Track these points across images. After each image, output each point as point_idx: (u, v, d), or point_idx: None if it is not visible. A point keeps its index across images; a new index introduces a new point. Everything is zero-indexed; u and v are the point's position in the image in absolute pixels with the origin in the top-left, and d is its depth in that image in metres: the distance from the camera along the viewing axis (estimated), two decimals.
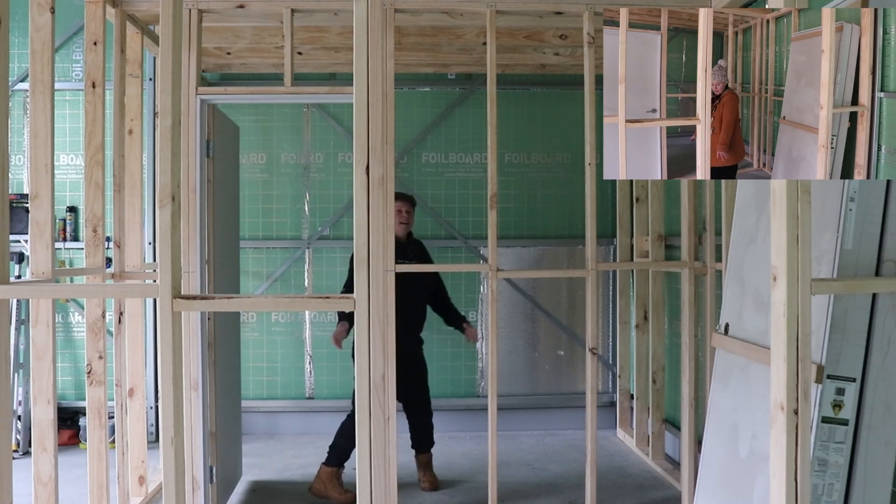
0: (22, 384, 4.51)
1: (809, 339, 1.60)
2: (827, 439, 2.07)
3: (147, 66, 4.59)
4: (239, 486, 3.92)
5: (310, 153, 5.13)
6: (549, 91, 5.20)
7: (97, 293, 2.38)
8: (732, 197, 3.16)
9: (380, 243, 3.07)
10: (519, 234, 5.15)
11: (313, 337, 5.07)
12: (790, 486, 1.59)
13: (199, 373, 3.22)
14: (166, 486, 1.70)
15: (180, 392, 1.71)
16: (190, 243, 3.19)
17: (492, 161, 3.22)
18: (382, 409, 3.08)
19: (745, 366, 2.54)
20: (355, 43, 1.73)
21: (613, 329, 5.15)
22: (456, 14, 3.45)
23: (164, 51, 1.70)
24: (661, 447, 4.29)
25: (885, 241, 2.09)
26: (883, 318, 2.08)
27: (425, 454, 4.00)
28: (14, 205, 4.59)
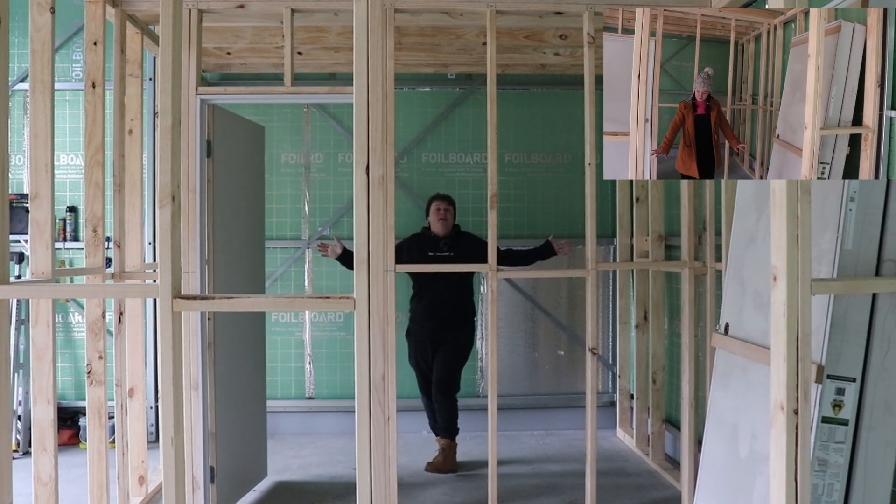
0: (22, 384, 4.50)
1: (809, 339, 1.60)
2: (827, 439, 2.07)
3: (147, 66, 4.58)
4: (262, 485, 3.89)
5: (310, 153, 5.13)
6: (549, 91, 5.19)
7: (97, 293, 2.38)
8: (732, 197, 3.16)
9: (380, 243, 3.07)
10: (519, 234, 5.15)
11: (313, 337, 5.07)
12: (790, 486, 1.59)
13: (199, 373, 3.22)
14: (166, 486, 1.70)
15: (180, 392, 1.71)
16: (190, 243, 3.19)
17: (492, 161, 3.22)
18: (382, 409, 3.08)
19: (745, 366, 2.54)
20: (355, 43, 1.73)
21: (613, 329, 5.15)
22: (456, 14, 3.45)
23: (164, 51, 1.70)
24: (661, 447, 4.29)
25: (885, 241, 2.09)
26: (883, 318, 2.08)
27: (444, 438, 4.22)
28: (14, 205, 4.59)
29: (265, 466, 4.00)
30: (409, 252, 4.18)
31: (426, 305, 4.21)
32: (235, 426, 3.58)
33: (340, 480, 4.04)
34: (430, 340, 4.20)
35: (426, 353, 4.24)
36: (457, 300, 4.25)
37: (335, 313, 5.09)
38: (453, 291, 4.21)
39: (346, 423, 4.87)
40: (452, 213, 4.31)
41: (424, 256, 4.18)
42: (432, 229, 4.28)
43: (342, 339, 5.08)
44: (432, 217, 4.28)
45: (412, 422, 4.71)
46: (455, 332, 4.24)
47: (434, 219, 4.24)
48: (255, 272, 3.91)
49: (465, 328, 4.30)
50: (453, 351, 4.23)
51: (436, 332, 4.20)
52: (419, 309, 4.25)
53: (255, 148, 3.96)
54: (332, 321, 5.10)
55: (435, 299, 4.18)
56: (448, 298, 4.19)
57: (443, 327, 4.19)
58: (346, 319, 5.07)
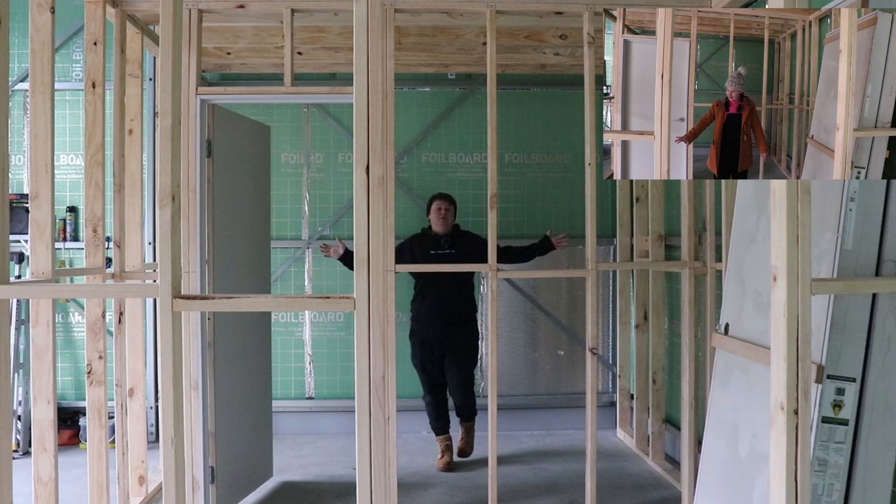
0: (22, 384, 4.51)
1: (809, 339, 1.60)
2: (827, 439, 2.07)
3: (147, 66, 4.59)
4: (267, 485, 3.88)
5: (310, 153, 5.13)
6: (549, 91, 5.19)
7: (97, 293, 2.38)
8: (732, 197, 3.16)
9: (380, 243, 3.07)
10: (519, 234, 5.15)
11: (313, 337, 5.07)
12: (790, 486, 1.59)
13: (199, 373, 3.22)
14: (166, 486, 1.70)
15: (180, 392, 1.71)
16: (190, 243, 3.19)
17: (492, 161, 3.22)
18: (382, 409, 3.08)
19: (745, 366, 2.54)
20: (355, 43, 1.73)
21: (613, 329, 5.15)
22: (456, 14, 3.45)
23: (164, 51, 1.70)
24: (661, 447, 4.29)
25: (885, 241, 2.08)
26: (883, 318, 2.08)
27: (466, 422, 4.39)
28: (14, 205, 4.59)
29: (270, 467, 3.99)
30: (410, 251, 4.25)
31: (430, 304, 4.25)
32: (237, 426, 3.58)
33: (340, 480, 4.05)
34: (437, 341, 4.24)
35: (434, 353, 4.26)
36: (460, 297, 4.31)
37: (335, 313, 5.09)
38: (456, 288, 4.28)
39: (346, 423, 4.87)
40: (453, 212, 4.36)
41: (426, 255, 4.23)
42: (433, 228, 4.33)
43: (342, 339, 5.08)
44: (433, 216, 4.31)
45: (412, 422, 4.70)
46: (461, 330, 4.31)
47: (435, 218, 4.30)
48: (260, 272, 3.91)
49: (470, 326, 4.37)
50: (465, 353, 4.30)
51: (443, 331, 4.24)
52: (423, 309, 4.28)
53: (260, 148, 3.96)
54: (332, 321, 5.10)
55: (439, 297, 4.24)
56: (451, 296, 4.26)
57: (449, 326, 4.25)
58: (346, 319, 5.07)
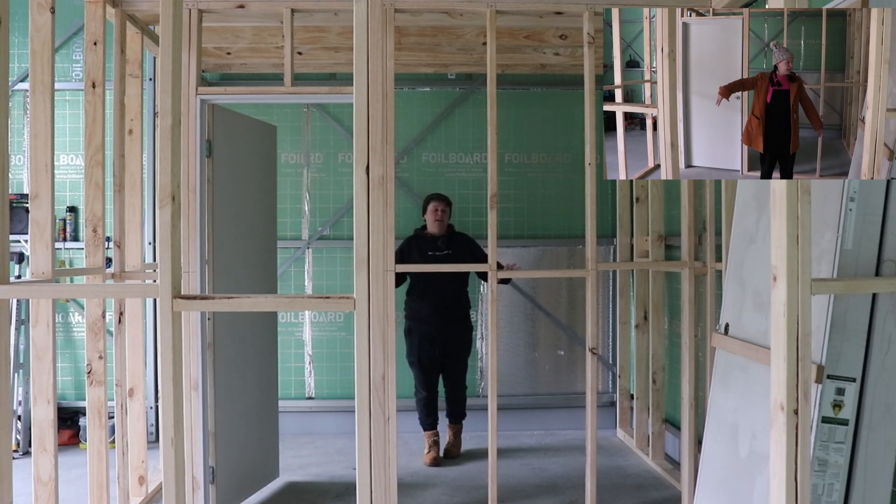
0: (22, 384, 4.50)
1: (809, 339, 1.60)
2: (827, 439, 2.07)
3: (147, 66, 4.59)
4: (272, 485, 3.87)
5: (310, 153, 5.12)
6: (549, 91, 5.19)
7: (97, 293, 2.38)
8: (732, 197, 3.16)
9: (380, 243, 3.07)
10: (519, 234, 5.15)
11: (313, 337, 5.07)
12: (790, 486, 1.59)
13: (199, 373, 3.22)
14: (166, 486, 1.70)
15: (180, 392, 1.71)
16: (190, 243, 3.19)
17: (492, 161, 3.22)
18: (382, 409, 3.08)
19: (745, 366, 2.54)
20: (355, 43, 1.73)
21: (613, 329, 5.14)
22: (456, 14, 3.45)
23: (164, 51, 1.70)
24: (661, 447, 4.29)
25: (885, 241, 2.08)
26: (883, 318, 2.08)
27: (455, 424, 4.53)
28: (14, 205, 4.59)
29: (276, 467, 3.98)
30: (409, 254, 4.34)
31: (430, 303, 4.34)
32: (239, 426, 3.58)
33: (340, 480, 4.04)
34: (439, 336, 4.36)
35: (434, 349, 4.36)
36: (457, 296, 4.45)
37: (335, 313, 5.09)
38: (454, 288, 4.40)
39: (346, 423, 4.88)
40: (449, 213, 4.44)
41: (425, 256, 4.32)
42: (429, 229, 4.40)
43: (342, 339, 5.09)
44: (429, 217, 4.37)
45: (412, 422, 4.70)
46: (460, 326, 4.46)
47: (431, 219, 4.38)
48: (265, 272, 3.90)
49: (467, 322, 4.51)
50: (463, 345, 4.48)
51: (443, 328, 4.37)
52: (423, 307, 4.35)
53: (264, 148, 3.95)
54: (332, 321, 5.10)
55: (439, 297, 4.34)
56: (450, 295, 4.39)
57: (449, 323, 4.39)
58: (346, 319, 5.07)
